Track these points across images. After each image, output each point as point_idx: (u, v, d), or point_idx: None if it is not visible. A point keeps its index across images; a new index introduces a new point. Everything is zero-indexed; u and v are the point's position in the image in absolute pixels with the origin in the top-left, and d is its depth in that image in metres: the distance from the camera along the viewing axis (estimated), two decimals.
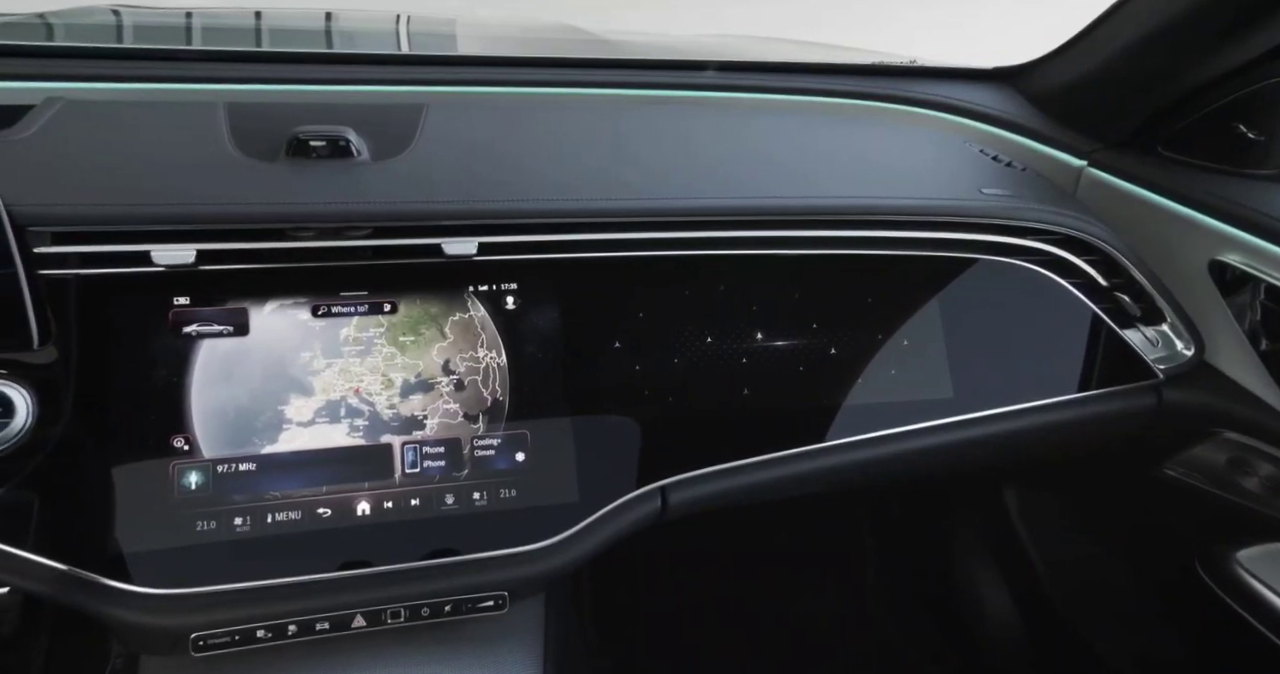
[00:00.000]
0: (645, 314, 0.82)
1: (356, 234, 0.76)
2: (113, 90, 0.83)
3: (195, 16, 1.29)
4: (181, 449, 0.69)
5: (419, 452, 0.75)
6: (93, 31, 1.11)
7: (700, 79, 0.97)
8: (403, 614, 0.70)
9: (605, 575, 0.83)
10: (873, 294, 0.85)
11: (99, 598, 0.64)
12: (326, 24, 1.41)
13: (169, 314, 0.71)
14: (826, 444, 0.80)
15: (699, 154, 0.88)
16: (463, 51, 1.26)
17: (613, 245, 0.81)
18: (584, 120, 0.89)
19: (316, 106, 0.84)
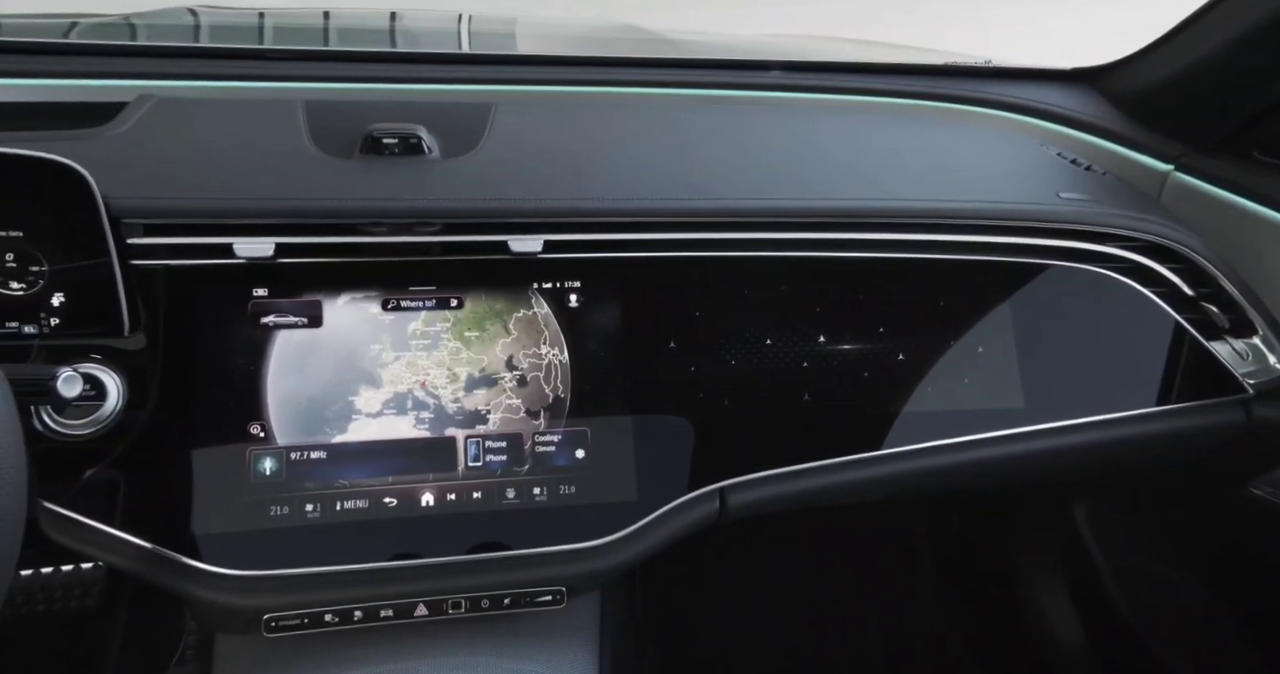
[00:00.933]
0: (707, 315, 0.81)
1: (426, 230, 0.78)
2: (199, 88, 0.87)
3: (268, 16, 1.33)
4: (258, 436, 0.72)
5: (481, 446, 0.76)
6: (180, 32, 1.16)
7: (765, 79, 0.96)
8: (463, 605, 0.71)
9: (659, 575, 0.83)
10: (943, 299, 0.83)
11: (180, 576, 0.67)
12: (391, 23, 1.45)
13: (248, 305, 0.74)
14: (890, 451, 0.79)
15: (764, 154, 0.87)
16: (522, 51, 1.27)
17: (676, 245, 0.81)
18: (649, 120, 0.90)
19: (390, 105, 0.86)
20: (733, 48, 1.13)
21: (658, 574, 0.82)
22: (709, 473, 0.77)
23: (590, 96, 0.95)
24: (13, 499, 0.50)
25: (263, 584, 0.68)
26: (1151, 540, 1.10)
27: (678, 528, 0.75)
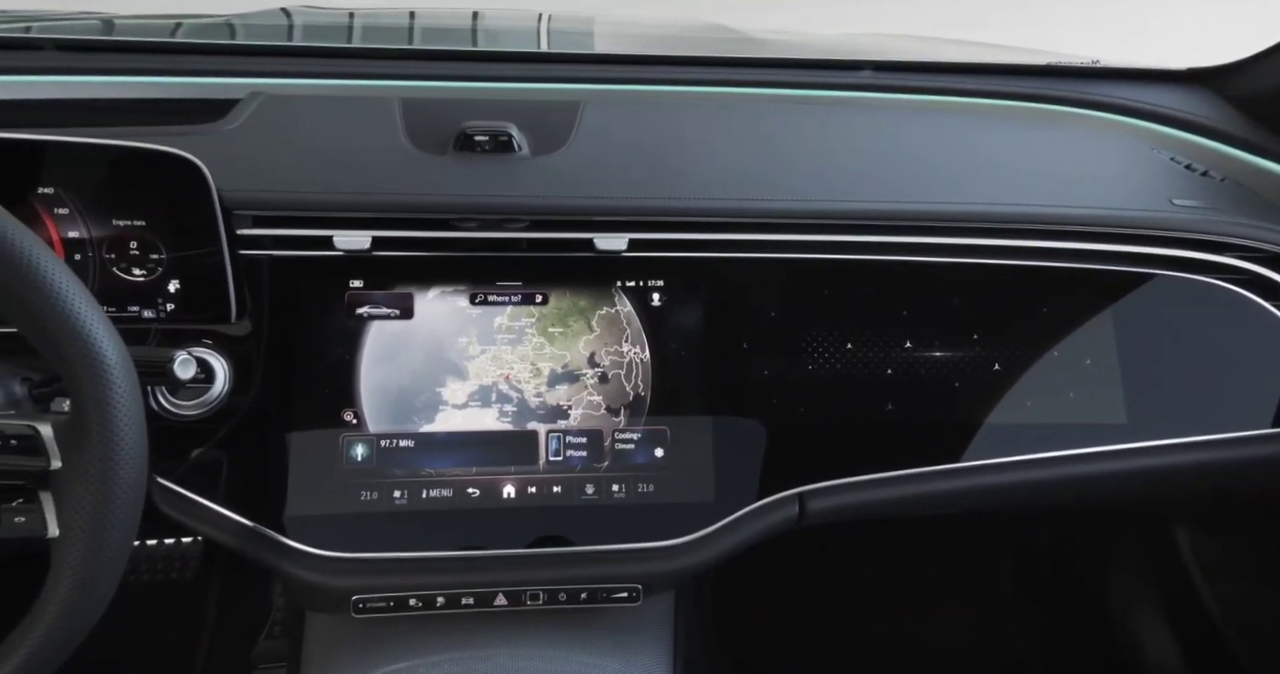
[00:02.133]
0: (789, 317, 0.81)
1: (514, 226, 0.79)
2: (304, 85, 0.90)
3: (358, 16, 1.38)
4: (351, 423, 0.74)
5: (562, 441, 0.77)
6: (282, 31, 1.20)
7: (856, 79, 0.94)
8: (541, 597, 0.73)
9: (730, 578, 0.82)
10: (1042, 308, 0.80)
11: (276, 554, 0.70)
12: (473, 23, 1.48)
13: (345, 296, 0.76)
14: (978, 463, 0.77)
15: (854, 156, 0.86)
16: (600, 49, 1.28)
17: (761, 246, 0.80)
18: (736, 120, 0.89)
19: (482, 102, 0.88)
20: (821, 47, 1.11)
21: (728, 577, 0.81)
22: (788, 477, 0.76)
23: (677, 96, 0.95)
24: (138, 472, 0.53)
25: (352, 566, 0.71)
26: (1265, 570, 1.03)
27: (755, 531, 0.74)
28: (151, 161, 0.69)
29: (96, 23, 1.21)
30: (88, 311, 0.53)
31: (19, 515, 0.54)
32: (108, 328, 0.54)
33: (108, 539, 0.52)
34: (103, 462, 0.52)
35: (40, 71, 0.84)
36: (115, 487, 0.53)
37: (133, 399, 0.54)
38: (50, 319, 0.52)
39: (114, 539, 0.53)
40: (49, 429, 0.54)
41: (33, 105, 0.83)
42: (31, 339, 0.53)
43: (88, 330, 0.52)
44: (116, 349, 0.54)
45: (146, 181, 0.70)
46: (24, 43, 0.89)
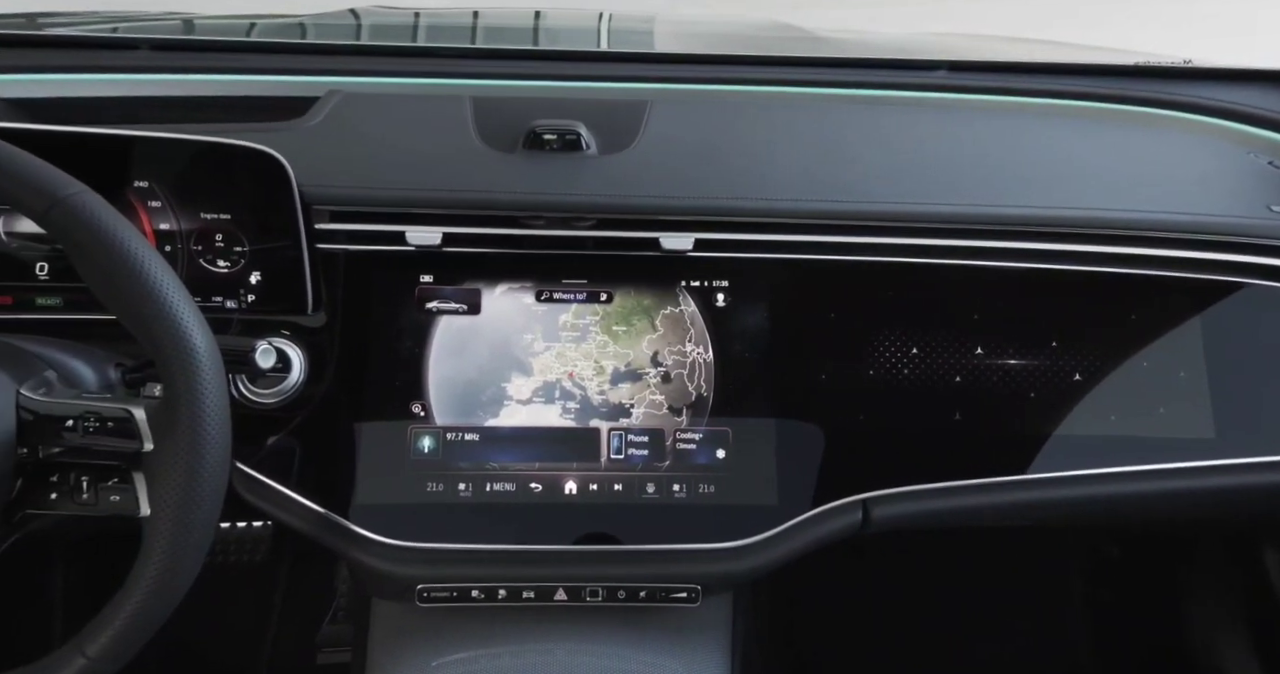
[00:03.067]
0: (856, 321, 0.79)
1: (582, 224, 0.80)
2: (378, 84, 0.92)
3: (423, 16, 1.41)
4: (418, 415, 0.76)
5: (624, 439, 0.78)
6: (356, 31, 1.24)
7: (931, 79, 0.92)
8: (600, 594, 0.73)
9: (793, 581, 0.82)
10: (1128, 316, 0.78)
11: (345, 541, 0.72)
12: (535, 22, 1.49)
13: (415, 290, 0.78)
14: (1053, 475, 0.74)
15: (927, 158, 0.84)
16: (660, 48, 1.28)
17: (829, 248, 0.79)
18: (805, 120, 0.88)
19: (551, 101, 0.89)
20: (892, 47, 1.09)
21: (787, 580, 0.80)
22: (851, 483, 0.75)
23: (745, 95, 0.95)
24: (223, 456, 0.55)
25: (417, 555, 0.72)
26: None
27: (818, 536, 0.74)
28: (238, 157, 0.72)
29: (179, 23, 1.27)
30: (181, 302, 0.55)
31: (114, 494, 0.57)
32: (198, 318, 0.56)
33: (195, 519, 0.55)
34: (191, 445, 0.54)
35: (135, 70, 0.88)
36: (202, 469, 0.55)
37: (219, 386, 0.56)
38: (147, 308, 0.54)
39: (200, 519, 0.55)
40: (142, 413, 0.56)
41: (129, 102, 0.86)
42: (129, 326, 0.56)
43: (180, 320, 0.55)
44: (205, 338, 0.56)
45: (232, 176, 0.73)
46: (121, 42, 0.93)
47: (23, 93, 0.83)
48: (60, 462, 0.57)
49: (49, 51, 0.89)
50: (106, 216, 0.54)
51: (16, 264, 0.71)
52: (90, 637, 0.53)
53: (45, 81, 0.86)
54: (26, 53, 0.88)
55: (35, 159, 0.54)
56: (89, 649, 0.52)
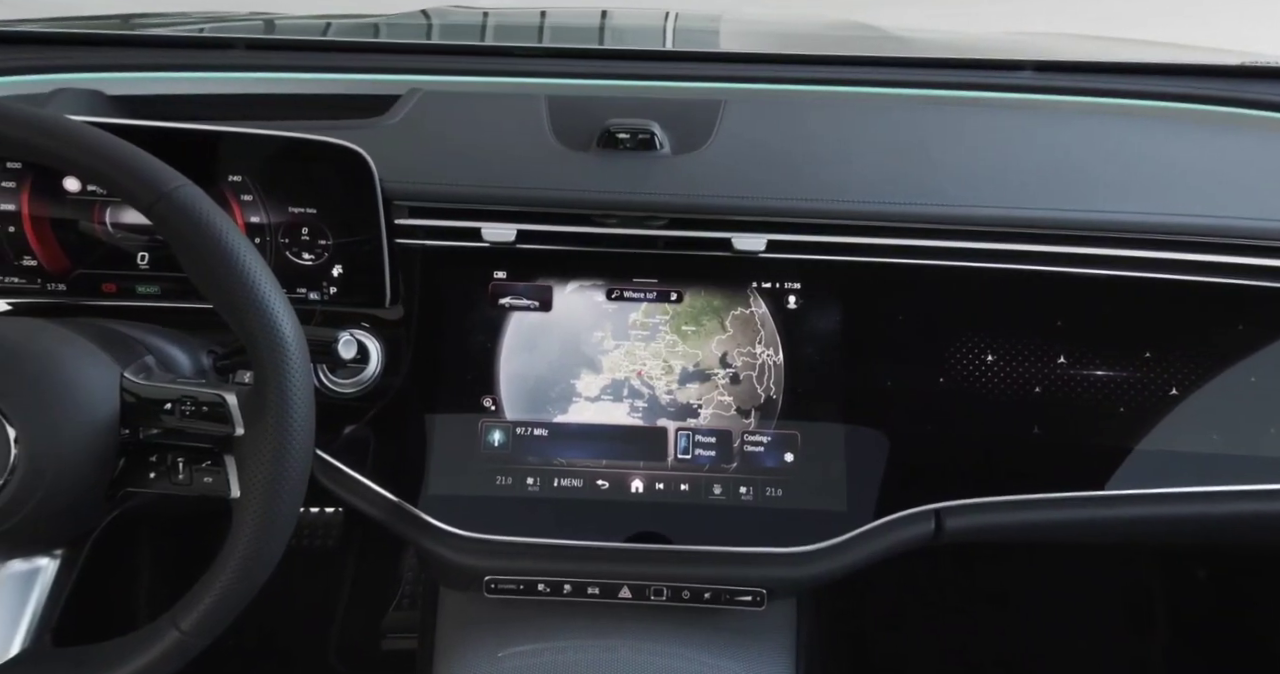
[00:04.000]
0: (933, 326, 0.78)
1: (654, 224, 0.80)
2: (457, 83, 0.94)
3: (490, 16, 1.43)
4: (489, 409, 0.77)
5: (691, 439, 0.77)
6: (425, 30, 1.26)
7: (1016, 80, 0.89)
8: (664, 593, 0.73)
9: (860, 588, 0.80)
10: (1230, 329, 0.75)
11: (417, 530, 0.74)
12: (601, 21, 1.50)
13: (489, 286, 0.79)
14: (1146, 492, 0.72)
15: (1014, 160, 0.81)
16: (726, 48, 1.28)
17: (906, 251, 0.78)
18: (884, 121, 0.86)
19: (625, 100, 0.89)
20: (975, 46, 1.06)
21: (854, 587, 0.79)
22: (924, 492, 0.73)
23: (820, 95, 0.93)
24: (308, 443, 0.57)
25: (485, 547, 0.73)
26: None
27: (888, 545, 0.72)
28: (325, 153, 0.74)
29: (260, 23, 1.31)
30: (272, 293, 0.57)
31: (207, 476, 0.59)
32: (288, 309, 0.58)
33: (281, 502, 0.56)
34: (278, 432, 0.56)
35: (229, 68, 0.91)
36: (289, 455, 0.57)
37: (305, 375, 0.58)
38: (241, 298, 0.56)
39: (286, 502, 0.57)
40: (234, 399, 0.58)
41: (224, 99, 0.90)
42: (223, 314, 0.58)
43: (271, 310, 0.57)
44: (294, 329, 0.58)
45: (320, 172, 0.75)
46: (217, 42, 0.96)
47: (126, 90, 0.88)
48: (158, 443, 0.60)
49: (150, 51, 0.94)
50: (207, 210, 0.57)
51: (120, 254, 0.75)
52: (183, 611, 0.55)
53: (145, 79, 0.90)
54: (130, 52, 0.92)
55: (144, 153, 0.57)
56: (182, 623, 0.54)
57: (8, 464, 0.53)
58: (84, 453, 0.55)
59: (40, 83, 0.85)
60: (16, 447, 0.53)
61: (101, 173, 0.55)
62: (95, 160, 0.55)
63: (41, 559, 0.57)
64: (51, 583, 0.57)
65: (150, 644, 0.54)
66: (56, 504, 0.54)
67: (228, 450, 0.59)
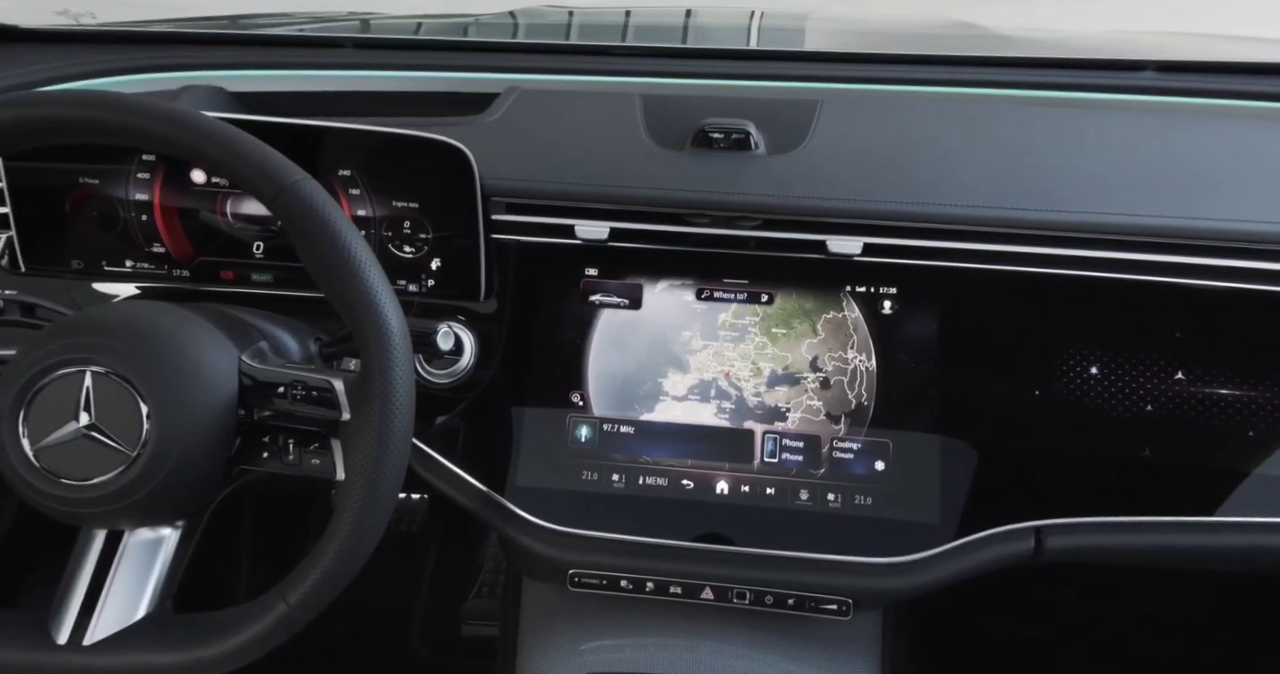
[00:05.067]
0: (1036, 337, 0.75)
1: (747, 224, 0.79)
2: (553, 81, 0.95)
3: (576, 15, 1.44)
4: (577, 404, 0.78)
5: (778, 443, 0.77)
6: (546, 30, 1.29)
7: (1135, 80, 0.85)
8: (747, 596, 0.72)
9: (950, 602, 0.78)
10: None
11: (504, 520, 0.75)
12: (685, 20, 1.50)
13: (580, 283, 0.80)
14: (1260, 520, 0.67)
15: (1132, 164, 0.77)
16: (811, 47, 1.26)
17: (1009, 258, 0.75)
18: (989, 122, 0.83)
19: (720, 100, 0.89)
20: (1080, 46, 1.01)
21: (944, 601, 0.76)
22: (1024, 508, 0.71)
23: (921, 96, 0.91)
24: (409, 430, 0.59)
25: (570, 541, 0.74)
26: None
27: (984, 561, 0.70)
28: (430, 149, 0.76)
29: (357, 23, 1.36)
30: (381, 285, 0.59)
31: (315, 458, 0.62)
32: (394, 300, 0.60)
33: (382, 485, 0.58)
34: (382, 418, 0.58)
35: (337, 66, 0.95)
36: (391, 441, 0.58)
37: (408, 364, 0.60)
38: (352, 288, 0.58)
39: (387, 486, 0.59)
40: (341, 385, 0.61)
41: (333, 96, 0.94)
42: (334, 303, 0.60)
43: (380, 301, 0.59)
44: (399, 319, 0.60)
45: (423, 167, 0.77)
46: (327, 41, 1.00)
47: (245, 87, 0.92)
48: (270, 425, 0.63)
49: (267, 49, 0.98)
50: (324, 203, 0.59)
51: (237, 243, 0.79)
52: (290, 587, 0.57)
53: (262, 77, 0.94)
54: (248, 50, 0.97)
55: (268, 148, 0.59)
56: (290, 597, 0.57)
57: (140, 438, 0.56)
58: (207, 431, 0.58)
59: (168, 80, 0.90)
60: (149, 422, 0.56)
61: (230, 165, 0.58)
62: (225, 154, 0.58)
63: (165, 529, 0.61)
64: (173, 552, 0.60)
65: (260, 616, 0.56)
66: (181, 479, 0.57)
67: (334, 434, 0.62)
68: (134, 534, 0.60)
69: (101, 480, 0.55)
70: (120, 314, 0.61)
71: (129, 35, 0.98)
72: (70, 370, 0.56)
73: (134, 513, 0.58)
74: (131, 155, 0.76)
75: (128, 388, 0.56)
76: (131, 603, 0.58)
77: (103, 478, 0.55)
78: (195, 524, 0.62)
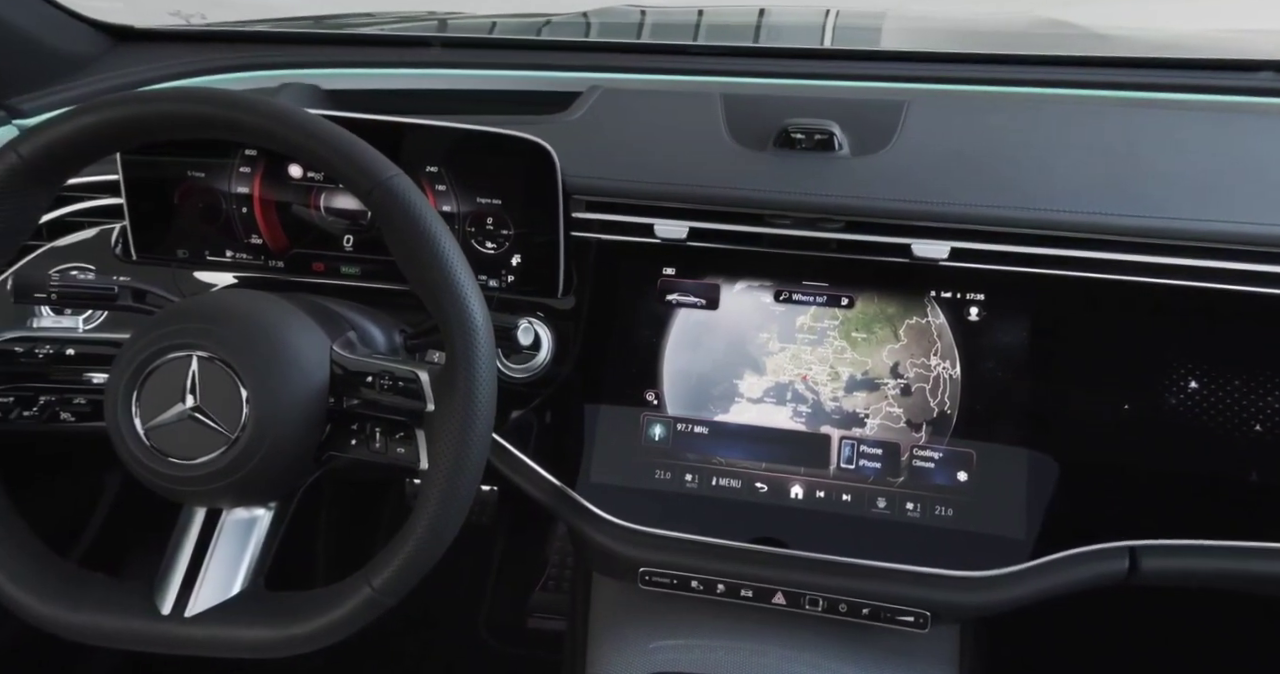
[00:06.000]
0: (1135, 349, 0.72)
1: (829, 226, 0.78)
2: (634, 80, 0.96)
3: (648, 14, 1.44)
4: (651, 403, 0.78)
5: (856, 449, 0.75)
6: (630, 29, 1.29)
7: (1251, 82, 0.80)
8: (821, 604, 0.71)
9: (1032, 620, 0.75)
10: None
11: (577, 515, 0.76)
12: (758, 19, 1.48)
13: (658, 282, 0.80)
14: None
15: (1246, 170, 0.74)
16: (887, 46, 1.23)
17: (1108, 266, 0.72)
18: (1086, 124, 0.80)
19: (803, 99, 0.88)
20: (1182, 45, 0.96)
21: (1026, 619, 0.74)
22: (1117, 527, 0.68)
23: (1015, 97, 0.88)
24: (490, 422, 0.60)
25: (642, 539, 0.74)
26: None
27: (1072, 580, 0.67)
28: (514, 147, 0.77)
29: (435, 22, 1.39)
30: (468, 280, 0.60)
31: (400, 447, 0.63)
32: (479, 295, 0.61)
33: (464, 476, 0.59)
34: (465, 410, 0.59)
35: (424, 65, 0.97)
36: (473, 433, 0.59)
37: (491, 358, 0.61)
38: (440, 282, 0.59)
39: (468, 477, 0.60)
40: (426, 376, 0.62)
41: (420, 94, 0.96)
42: (421, 296, 0.61)
43: (467, 296, 0.60)
44: (484, 314, 0.61)
45: (507, 165, 0.78)
46: (416, 41, 1.03)
47: (337, 85, 0.95)
48: (357, 413, 0.65)
49: (358, 49, 1.01)
50: (416, 198, 0.60)
51: (328, 236, 0.81)
52: (375, 571, 0.59)
53: (353, 75, 0.97)
54: (340, 50, 1.01)
55: (365, 144, 0.61)
56: (374, 581, 0.58)
57: (240, 422, 0.58)
58: (301, 417, 0.60)
59: (267, 78, 0.94)
60: (247, 406, 0.58)
61: (329, 160, 0.60)
62: (325, 149, 0.60)
63: (259, 510, 0.63)
64: (266, 532, 0.63)
65: (347, 599, 0.58)
66: (275, 461, 0.60)
67: (418, 424, 0.63)
68: (231, 513, 0.62)
69: (204, 460, 0.58)
70: (225, 302, 0.63)
71: (231, 35, 1.03)
72: (179, 355, 0.59)
73: (232, 492, 0.60)
74: (235, 150, 0.79)
75: (230, 372, 0.59)
76: (228, 579, 0.61)
77: (205, 458, 0.58)
78: (286, 506, 0.65)
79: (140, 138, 0.61)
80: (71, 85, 0.94)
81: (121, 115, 0.59)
